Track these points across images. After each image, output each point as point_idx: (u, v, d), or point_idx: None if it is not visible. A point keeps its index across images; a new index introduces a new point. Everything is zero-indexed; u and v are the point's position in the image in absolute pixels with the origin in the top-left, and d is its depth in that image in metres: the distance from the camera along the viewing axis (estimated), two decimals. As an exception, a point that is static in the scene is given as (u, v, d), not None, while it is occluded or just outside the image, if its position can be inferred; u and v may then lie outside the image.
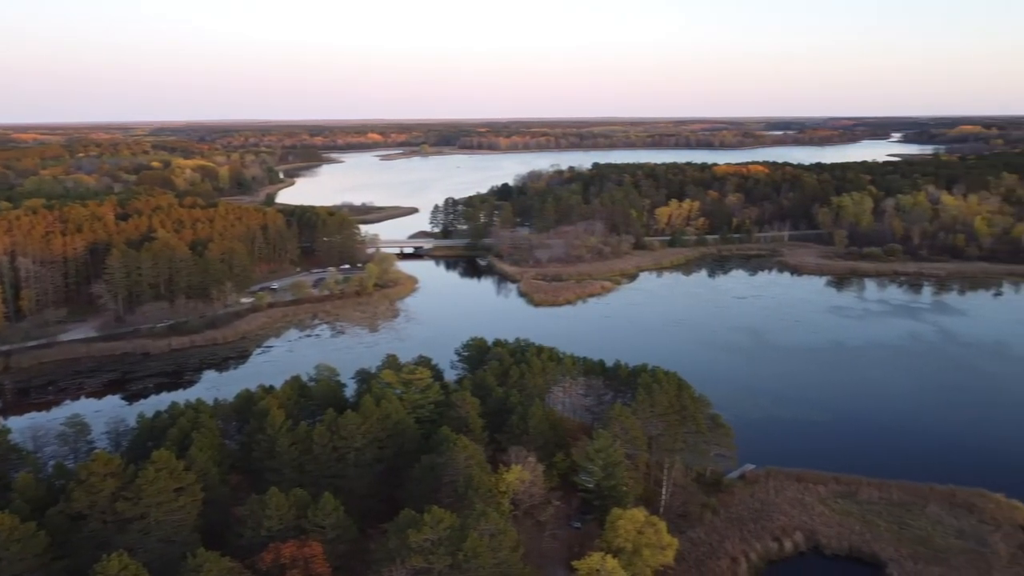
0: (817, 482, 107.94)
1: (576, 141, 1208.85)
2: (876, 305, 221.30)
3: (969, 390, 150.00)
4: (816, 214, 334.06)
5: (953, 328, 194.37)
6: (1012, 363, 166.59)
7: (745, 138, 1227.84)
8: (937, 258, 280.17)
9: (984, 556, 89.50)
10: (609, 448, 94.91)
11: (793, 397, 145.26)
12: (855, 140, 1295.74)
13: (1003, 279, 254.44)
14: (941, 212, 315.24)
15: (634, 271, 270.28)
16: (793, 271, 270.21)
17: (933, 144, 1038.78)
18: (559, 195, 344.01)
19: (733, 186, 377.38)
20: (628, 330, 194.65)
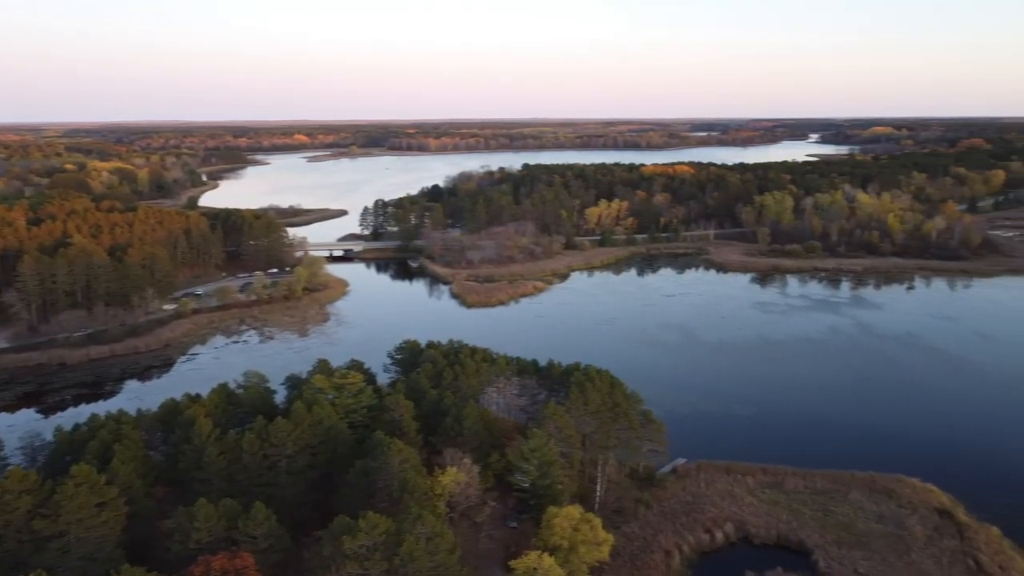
0: (746, 474, 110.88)
1: (506, 142, 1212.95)
2: (798, 300, 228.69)
3: (885, 380, 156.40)
4: (740, 213, 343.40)
5: (870, 321, 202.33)
6: (924, 354, 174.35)
7: (671, 139, 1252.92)
8: (854, 254, 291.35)
9: (902, 538, 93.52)
10: (543, 447, 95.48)
11: (721, 391, 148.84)
12: (775, 141, 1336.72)
13: (915, 273, 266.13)
14: (857, 210, 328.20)
15: (565, 271, 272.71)
16: (719, 269, 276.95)
17: (848, 145, 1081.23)
18: (490, 196, 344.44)
19: (660, 186, 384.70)
20: (560, 329, 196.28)
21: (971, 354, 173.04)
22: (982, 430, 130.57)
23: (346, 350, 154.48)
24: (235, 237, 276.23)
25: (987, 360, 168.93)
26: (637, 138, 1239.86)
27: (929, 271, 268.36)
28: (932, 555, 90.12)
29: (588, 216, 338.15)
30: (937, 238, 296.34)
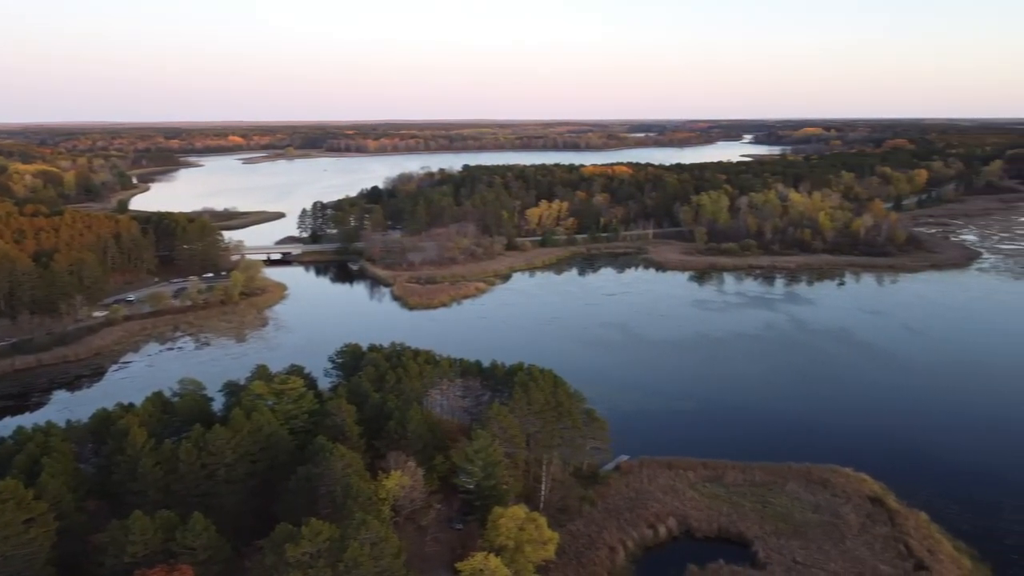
0: (687, 468, 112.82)
1: (445, 143, 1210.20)
2: (735, 297, 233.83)
3: (819, 374, 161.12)
4: (678, 212, 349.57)
5: (803, 316, 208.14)
6: (855, 347, 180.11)
7: (609, 140, 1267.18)
8: (787, 251, 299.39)
9: (837, 527, 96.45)
10: (488, 448, 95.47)
11: (662, 388, 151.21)
12: (711, 142, 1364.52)
13: (845, 269, 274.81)
14: (789, 208, 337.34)
15: (507, 271, 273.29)
16: (658, 267, 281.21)
17: (780, 145, 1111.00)
18: (430, 197, 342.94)
19: (600, 186, 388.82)
20: (503, 330, 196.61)
21: (899, 347, 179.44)
22: (909, 420, 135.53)
23: (286, 355, 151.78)
24: (168, 241, 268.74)
25: (913, 352, 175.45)
26: (576, 139, 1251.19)
27: (858, 267, 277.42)
28: (865, 542, 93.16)
29: (529, 217, 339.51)
30: (865, 235, 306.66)
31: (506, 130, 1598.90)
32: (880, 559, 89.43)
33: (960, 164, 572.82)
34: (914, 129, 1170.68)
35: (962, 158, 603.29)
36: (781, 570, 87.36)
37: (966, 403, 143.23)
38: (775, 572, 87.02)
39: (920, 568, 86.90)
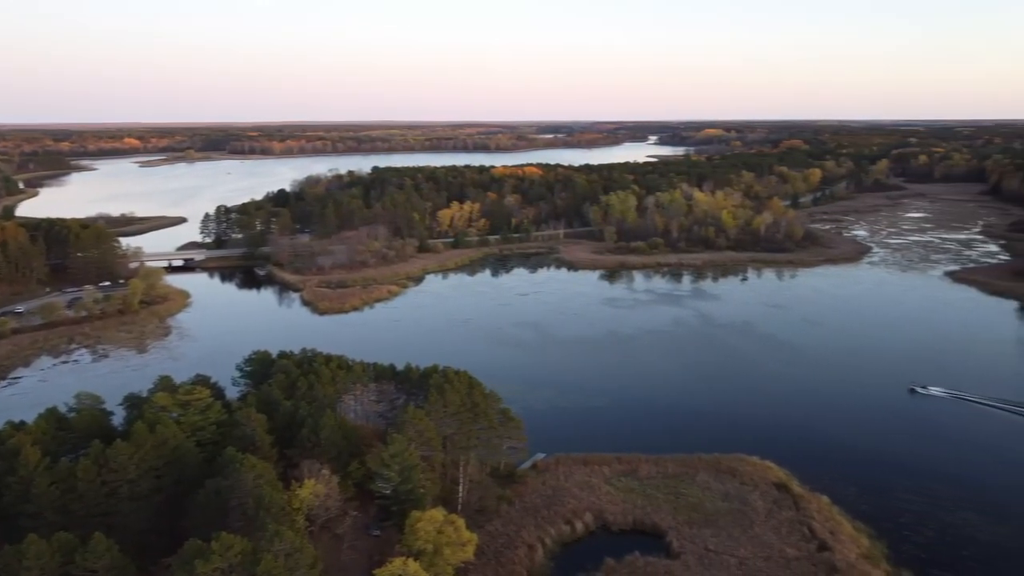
0: (602, 464, 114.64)
1: (354, 145, 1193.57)
2: (644, 295, 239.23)
3: (725, 367, 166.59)
4: (587, 212, 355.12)
5: (710, 312, 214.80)
6: (759, 340, 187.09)
7: (519, 141, 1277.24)
8: (693, 249, 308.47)
9: (746, 514, 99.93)
10: (404, 452, 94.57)
11: (576, 386, 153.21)
12: (618, 143, 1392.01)
13: (747, 265, 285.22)
14: (694, 207, 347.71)
15: (420, 273, 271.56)
16: (570, 267, 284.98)
17: (684, 146, 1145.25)
18: (339, 200, 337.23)
19: (510, 187, 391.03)
20: (417, 332, 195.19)
21: (798, 338, 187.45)
22: (810, 407, 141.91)
23: (190, 365, 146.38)
24: (60, 249, 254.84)
25: (812, 343, 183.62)
26: (486, 140, 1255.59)
27: (760, 263, 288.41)
28: (772, 527, 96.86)
29: (440, 218, 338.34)
30: (765, 232, 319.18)
31: (415, 132, 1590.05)
32: (786, 542, 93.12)
33: (850, 163, 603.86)
34: (808, 130, 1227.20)
35: (852, 158, 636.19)
36: (694, 559, 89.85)
37: (861, 390, 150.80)
38: (688, 561, 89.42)
39: (823, 549, 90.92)
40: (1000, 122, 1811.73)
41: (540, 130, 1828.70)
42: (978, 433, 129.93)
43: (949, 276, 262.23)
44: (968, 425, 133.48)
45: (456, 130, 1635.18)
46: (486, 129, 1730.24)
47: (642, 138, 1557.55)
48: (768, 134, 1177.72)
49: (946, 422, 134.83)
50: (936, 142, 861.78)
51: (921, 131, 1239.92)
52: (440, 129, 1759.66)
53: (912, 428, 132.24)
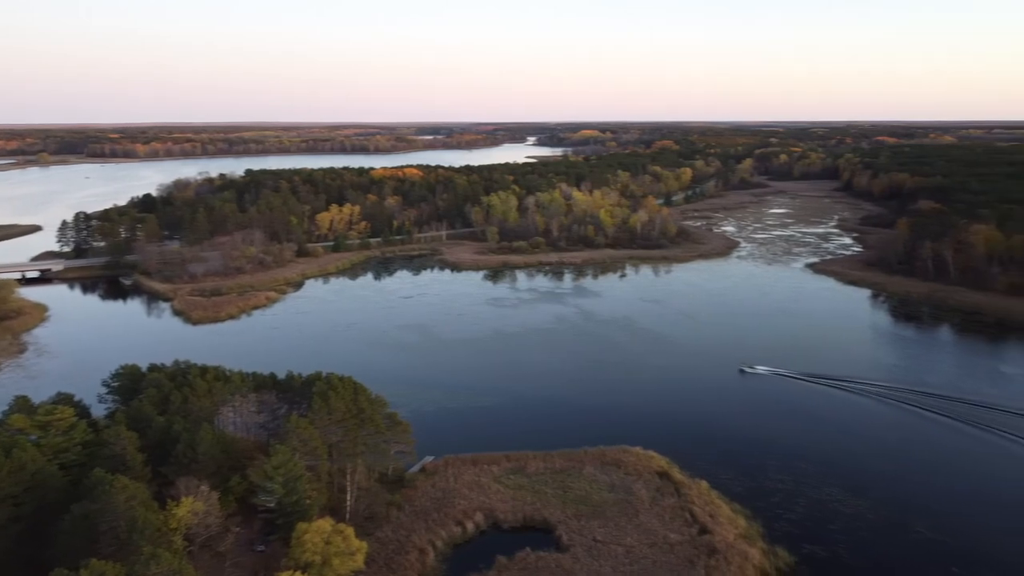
0: (491, 463, 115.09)
1: (225, 147, 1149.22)
2: (527, 293, 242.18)
3: (608, 361, 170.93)
4: (469, 213, 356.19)
5: (591, 308, 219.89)
6: (638, 334, 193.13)
7: (398, 143, 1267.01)
8: (573, 247, 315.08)
9: (631, 503, 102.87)
10: (289, 462, 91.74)
11: (463, 386, 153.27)
12: (497, 144, 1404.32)
13: (626, 262, 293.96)
14: (573, 207, 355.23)
15: (299, 279, 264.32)
16: (453, 268, 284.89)
17: (562, 147, 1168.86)
18: (211, 204, 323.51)
19: (391, 189, 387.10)
20: (299, 339, 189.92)
21: (675, 331, 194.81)
22: (686, 396, 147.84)
23: (51, 383, 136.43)
24: None
25: (687, 335, 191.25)
26: (364, 142, 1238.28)
27: (637, 259, 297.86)
28: (656, 514, 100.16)
29: (319, 221, 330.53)
30: (641, 230, 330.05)
31: (290, 133, 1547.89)
32: (669, 528, 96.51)
33: (718, 163, 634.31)
34: (678, 131, 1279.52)
35: (719, 157, 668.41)
36: (583, 550, 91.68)
37: (734, 378, 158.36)
38: (578, 553, 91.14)
39: (704, 532, 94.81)
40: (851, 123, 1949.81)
41: (419, 131, 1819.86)
42: (818, 407, 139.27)
43: (810, 268, 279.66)
44: (797, 398, 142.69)
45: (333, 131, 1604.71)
46: (364, 130, 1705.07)
47: (521, 139, 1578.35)
48: (641, 135, 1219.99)
49: (778, 397, 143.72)
50: (794, 142, 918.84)
51: (781, 132, 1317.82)
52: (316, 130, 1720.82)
53: (748, 404, 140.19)
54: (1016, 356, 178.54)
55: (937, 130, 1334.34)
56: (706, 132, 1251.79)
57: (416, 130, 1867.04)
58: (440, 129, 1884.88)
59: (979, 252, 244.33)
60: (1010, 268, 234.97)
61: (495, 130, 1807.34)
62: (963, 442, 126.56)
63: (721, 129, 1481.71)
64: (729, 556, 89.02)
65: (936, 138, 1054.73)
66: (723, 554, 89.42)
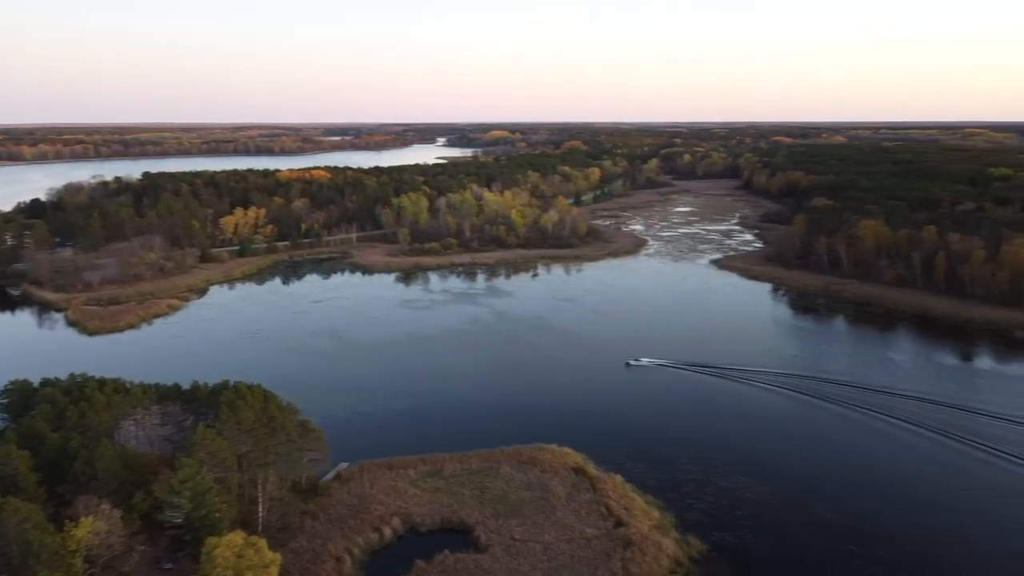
0: (407, 467, 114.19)
1: (120, 149, 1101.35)
2: (440, 295, 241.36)
3: (522, 360, 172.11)
4: (380, 215, 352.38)
5: (504, 308, 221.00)
6: (551, 333, 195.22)
7: (305, 144, 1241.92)
8: (486, 248, 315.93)
9: (548, 500, 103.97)
10: (196, 476, 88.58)
11: (377, 390, 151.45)
12: (407, 145, 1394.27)
13: (538, 262, 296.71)
14: (485, 207, 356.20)
15: (203, 285, 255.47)
16: (364, 271, 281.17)
17: (472, 147, 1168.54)
18: (106, 209, 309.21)
19: (298, 191, 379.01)
20: (204, 348, 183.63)
21: (587, 328, 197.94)
22: (600, 392, 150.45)
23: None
24: None
25: (599, 332, 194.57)
26: (269, 143, 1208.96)
27: (549, 259, 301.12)
28: (573, 510, 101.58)
29: (224, 225, 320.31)
30: (553, 229, 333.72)
31: (191, 134, 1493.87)
32: (586, 523, 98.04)
33: (625, 163, 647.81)
34: (586, 132, 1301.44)
35: (626, 157, 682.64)
36: (501, 550, 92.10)
37: (644, 372, 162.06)
38: (496, 553, 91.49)
39: (619, 525, 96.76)
40: (750, 124, 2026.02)
41: (326, 132, 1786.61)
42: (721, 398, 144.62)
43: (714, 264, 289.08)
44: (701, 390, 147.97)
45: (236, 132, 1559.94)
46: (269, 131, 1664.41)
47: (431, 140, 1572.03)
48: (551, 135, 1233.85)
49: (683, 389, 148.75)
50: (697, 143, 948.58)
51: (684, 132, 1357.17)
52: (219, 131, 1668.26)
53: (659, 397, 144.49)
54: (903, 344, 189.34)
55: (829, 130, 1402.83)
56: (613, 133, 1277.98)
57: (323, 131, 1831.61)
58: (348, 130, 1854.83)
59: (869, 246, 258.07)
60: (896, 261, 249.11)
61: (404, 131, 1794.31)
62: (856, 426, 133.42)
63: (627, 130, 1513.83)
64: (644, 547, 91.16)
65: (828, 138, 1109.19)
66: (638, 546, 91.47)
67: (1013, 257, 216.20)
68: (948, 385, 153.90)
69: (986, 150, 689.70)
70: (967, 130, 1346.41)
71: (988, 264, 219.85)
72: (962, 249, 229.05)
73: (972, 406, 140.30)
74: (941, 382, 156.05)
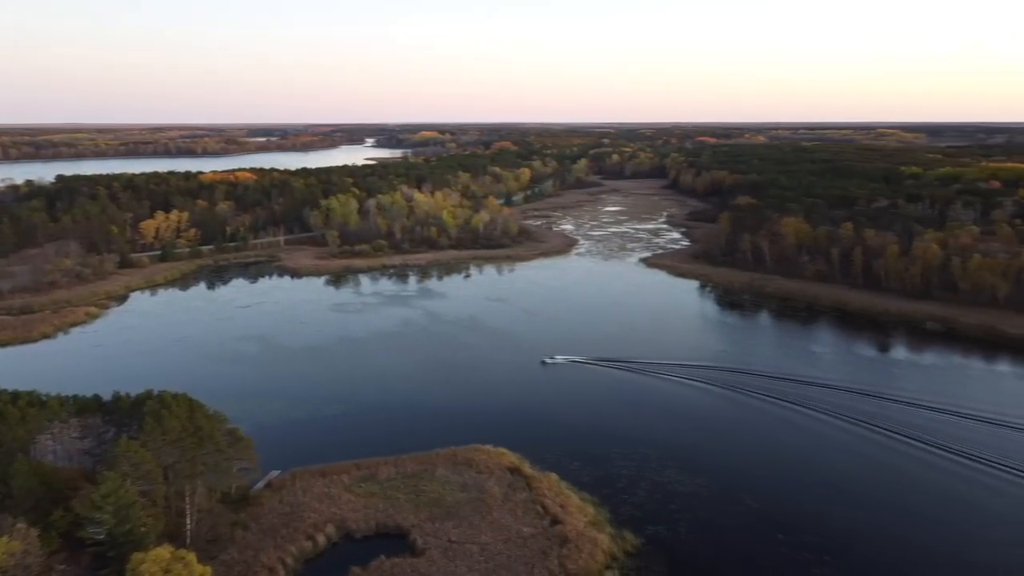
0: (340, 472, 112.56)
1: (31, 151, 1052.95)
2: (372, 298, 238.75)
3: (456, 361, 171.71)
4: (308, 217, 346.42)
5: (437, 310, 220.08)
6: (485, 333, 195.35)
7: (229, 145, 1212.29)
8: (417, 249, 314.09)
9: (484, 501, 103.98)
10: (119, 490, 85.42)
11: (309, 396, 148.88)
12: (335, 145, 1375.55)
13: (470, 262, 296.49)
14: (415, 208, 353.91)
15: (124, 292, 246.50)
16: (293, 274, 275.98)
17: (401, 148, 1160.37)
18: (17, 214, 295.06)
19: (223, 194, 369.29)
20: (125, 357, 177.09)
21: (520, 328, 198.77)
22: (533, 391, 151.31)
23: None
24: None
25: (532, 332, 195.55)
26: (191, 144, 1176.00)
27: (481, 259, 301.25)
28: (509, 509, 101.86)
29: (144, 230, 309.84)
30: (484, 230, 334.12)
31: (107, 135, 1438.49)
32: (522, 523, 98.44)
33: (555, 163, 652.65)
34: (516, 133, 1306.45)
35: (556, 158, 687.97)
36: (438, 552, 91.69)
37: (577, 371, 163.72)
38: (433, 556, 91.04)
39: (555, 523, 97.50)
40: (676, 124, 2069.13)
41: (251, 133, 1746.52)
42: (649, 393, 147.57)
43: (643, 262, 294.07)
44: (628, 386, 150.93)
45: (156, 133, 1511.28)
46: (190, 132, 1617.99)
47: (359, 141, 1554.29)
48: (481, 136, 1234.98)
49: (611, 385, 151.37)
50: (625, 143, 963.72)
51: (612, 133, 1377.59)
52: (137, 132, 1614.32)
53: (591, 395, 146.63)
54: (824, 336, 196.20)
55: (751, 131, 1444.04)
56: (543, 133, 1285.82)
57: (247, 132, 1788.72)
58: (274, 131, 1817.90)
59: (790, 243, 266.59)
60: (816, 257, 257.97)
61: (332, 131, 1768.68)
62: (780, 417, 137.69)
63: (557, 130, 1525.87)
64: (580, 544, 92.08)
65: (750, 138, 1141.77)
66: (574, 543, 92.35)
67: (924, 252, 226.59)
68: (865, 375, 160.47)
69: (898, 149, 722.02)
70: (880, 130, 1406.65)
71: (901, 259, 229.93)
72: (877, 245, 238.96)
73: (887, 394, 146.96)
74: (859, 372, 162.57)
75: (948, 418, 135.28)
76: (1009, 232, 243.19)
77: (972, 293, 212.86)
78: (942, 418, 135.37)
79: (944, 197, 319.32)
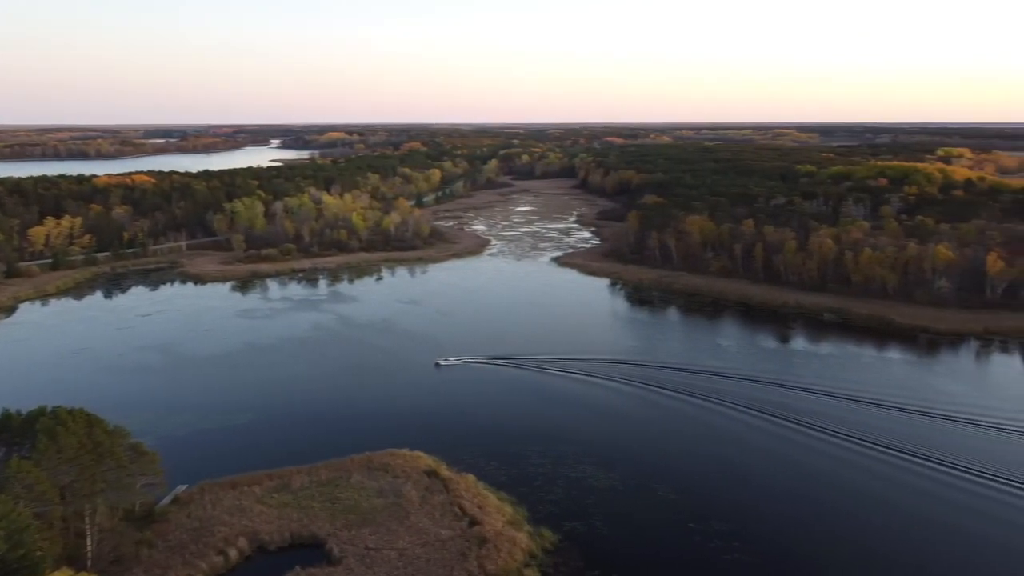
0: (252, 483, 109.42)
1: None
2: (281, 303, 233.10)
3: (369, 365, 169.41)
4: (211, 221, 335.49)
5: (349, 313, 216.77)
6: (399, 335, 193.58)
7: (124, 147, 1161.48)
8: (327, 252, 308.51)
9: (401, 505, 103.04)
10: (12, 513, 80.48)
11: (216, 406, 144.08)
12: (239, 147, 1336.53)
13: (381, 265, 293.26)
14: (324, 211, 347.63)
15: (11, 303, 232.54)
16: (196, 280, 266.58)
17: (308, 149, 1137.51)
18: None
19: (119, 198, 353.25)
20: (16, 371, 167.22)
21: (433, 330, 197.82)
22: (448, 392, 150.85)
23: None
24: None
25: (445, 333, 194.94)
26: (83, 146, 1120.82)
27: (393, 261, 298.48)
28: (427, 513, 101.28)
29: (33, 237, 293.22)
30: (395, 231, 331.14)
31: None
32: (440, 525, 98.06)
33: (465, 164, 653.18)
34: (424, 133, 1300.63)
35: (466, 158, 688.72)
36: (355, 560, 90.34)
37: (489, 372, 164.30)
38: (350, 564, 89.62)
39: (474, 524, 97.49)
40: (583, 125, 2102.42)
41: (148, 134, 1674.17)
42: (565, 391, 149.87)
43: (555, 261, 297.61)
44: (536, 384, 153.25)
45: (44, 135, 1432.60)
46: (82, 133, 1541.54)
47: (264, 142, 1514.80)
48: (389, 137, 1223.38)
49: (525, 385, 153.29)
50: (534, 143, 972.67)
51: (521, 133, 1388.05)
52: (23, 133, 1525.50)
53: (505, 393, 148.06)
54: (728, 329, 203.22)
55: (656, 131, 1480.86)
56: (452, 134, 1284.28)
57: (144, 133, 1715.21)
58: (172, 132, 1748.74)
59: (695, 240, 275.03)
60: (721, 253, 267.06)
61: (235, 132, 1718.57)
62: (688, 408, 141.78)
63: (466, 131, 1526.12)
64: (499, 544, 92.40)
65: (656, 139, 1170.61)
66: (493, 543, 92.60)
67: (819, 247, 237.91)
68: (767, 365, 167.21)
69: (793, 148, 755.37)
70: (776, 130, 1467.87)
71: (799, 254, 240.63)
72: (776, 241, 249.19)
73: (787, 382, 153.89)
74: (761, 363, 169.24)
75: (843, 403, 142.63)
76: (896, 227, 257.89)
77: (864, 285, 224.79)
78: (838, 403, 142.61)
79: (836, 194, 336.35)
